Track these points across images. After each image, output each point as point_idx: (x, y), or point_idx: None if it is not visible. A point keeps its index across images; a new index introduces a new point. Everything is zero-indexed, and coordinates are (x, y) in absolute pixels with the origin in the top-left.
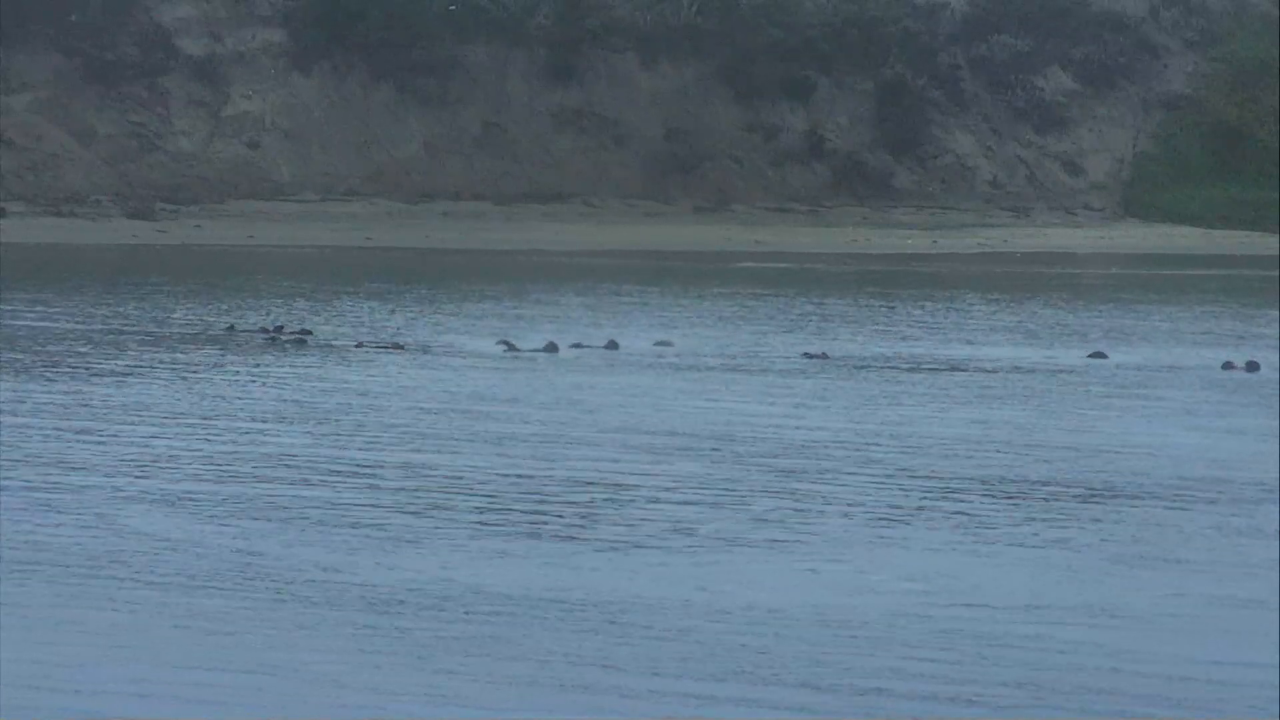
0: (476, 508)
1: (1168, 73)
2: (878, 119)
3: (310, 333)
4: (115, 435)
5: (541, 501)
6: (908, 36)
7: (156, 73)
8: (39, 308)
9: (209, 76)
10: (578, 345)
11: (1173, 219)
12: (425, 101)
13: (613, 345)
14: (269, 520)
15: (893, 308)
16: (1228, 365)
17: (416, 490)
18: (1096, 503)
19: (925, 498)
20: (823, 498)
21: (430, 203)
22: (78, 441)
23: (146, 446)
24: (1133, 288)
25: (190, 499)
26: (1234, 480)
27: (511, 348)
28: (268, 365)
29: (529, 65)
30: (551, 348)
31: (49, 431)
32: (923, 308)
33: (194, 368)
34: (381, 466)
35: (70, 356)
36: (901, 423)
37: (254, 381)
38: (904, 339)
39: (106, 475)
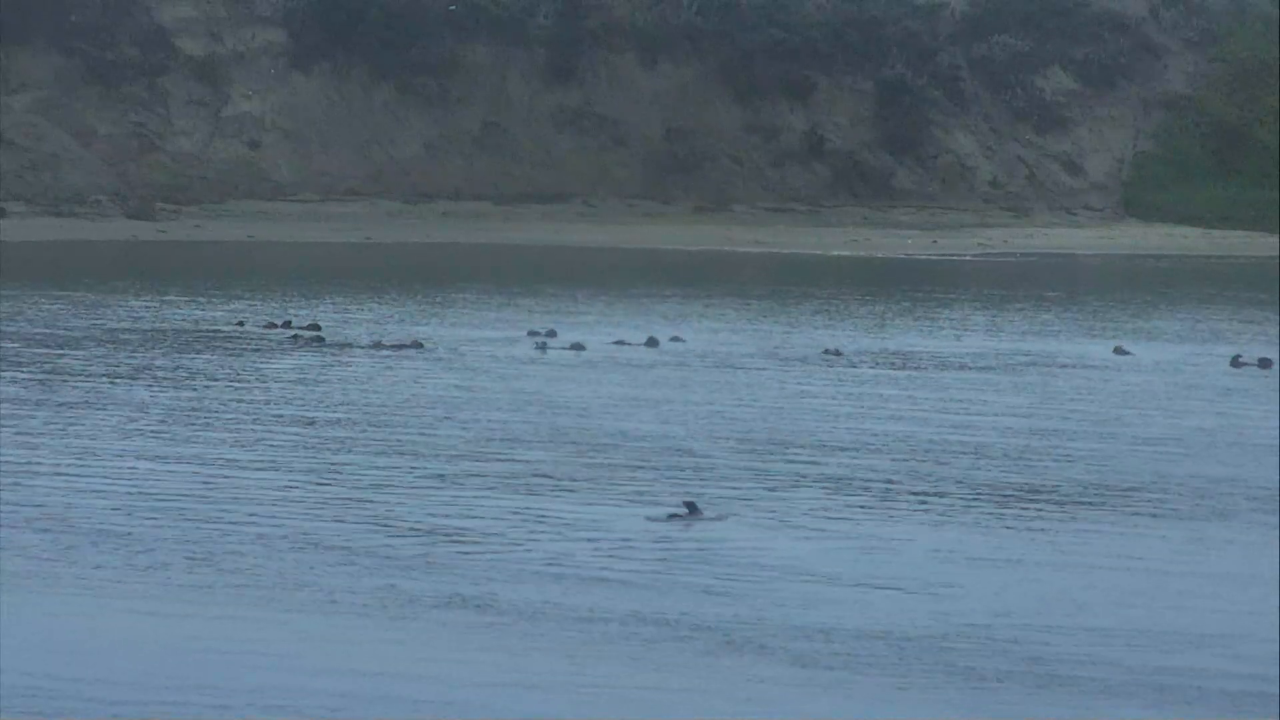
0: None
1: (1168, 73)
2: (878, 119)
3: (320, 328)
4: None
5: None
6: (908, 36)
7: (156, 73)
8: (38, 307)
9: (209, 76)
10: (620, 343)
11: (1173, 219)
12: (425, 101)
13: (653, 342)
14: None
15: (903, 306)
16: (1237, 361)
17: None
18: None
19: None
20: None
21: (430, 203)
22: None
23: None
24: (1133, 285)
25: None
26: None
27: (544, 346)
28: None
29: (529, 65)
30: (578, 346)
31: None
32: (930, 305)
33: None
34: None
35: (89, 356)
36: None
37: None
38: (927, 335)
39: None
